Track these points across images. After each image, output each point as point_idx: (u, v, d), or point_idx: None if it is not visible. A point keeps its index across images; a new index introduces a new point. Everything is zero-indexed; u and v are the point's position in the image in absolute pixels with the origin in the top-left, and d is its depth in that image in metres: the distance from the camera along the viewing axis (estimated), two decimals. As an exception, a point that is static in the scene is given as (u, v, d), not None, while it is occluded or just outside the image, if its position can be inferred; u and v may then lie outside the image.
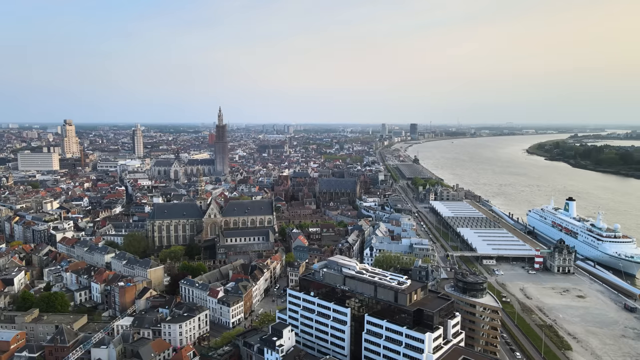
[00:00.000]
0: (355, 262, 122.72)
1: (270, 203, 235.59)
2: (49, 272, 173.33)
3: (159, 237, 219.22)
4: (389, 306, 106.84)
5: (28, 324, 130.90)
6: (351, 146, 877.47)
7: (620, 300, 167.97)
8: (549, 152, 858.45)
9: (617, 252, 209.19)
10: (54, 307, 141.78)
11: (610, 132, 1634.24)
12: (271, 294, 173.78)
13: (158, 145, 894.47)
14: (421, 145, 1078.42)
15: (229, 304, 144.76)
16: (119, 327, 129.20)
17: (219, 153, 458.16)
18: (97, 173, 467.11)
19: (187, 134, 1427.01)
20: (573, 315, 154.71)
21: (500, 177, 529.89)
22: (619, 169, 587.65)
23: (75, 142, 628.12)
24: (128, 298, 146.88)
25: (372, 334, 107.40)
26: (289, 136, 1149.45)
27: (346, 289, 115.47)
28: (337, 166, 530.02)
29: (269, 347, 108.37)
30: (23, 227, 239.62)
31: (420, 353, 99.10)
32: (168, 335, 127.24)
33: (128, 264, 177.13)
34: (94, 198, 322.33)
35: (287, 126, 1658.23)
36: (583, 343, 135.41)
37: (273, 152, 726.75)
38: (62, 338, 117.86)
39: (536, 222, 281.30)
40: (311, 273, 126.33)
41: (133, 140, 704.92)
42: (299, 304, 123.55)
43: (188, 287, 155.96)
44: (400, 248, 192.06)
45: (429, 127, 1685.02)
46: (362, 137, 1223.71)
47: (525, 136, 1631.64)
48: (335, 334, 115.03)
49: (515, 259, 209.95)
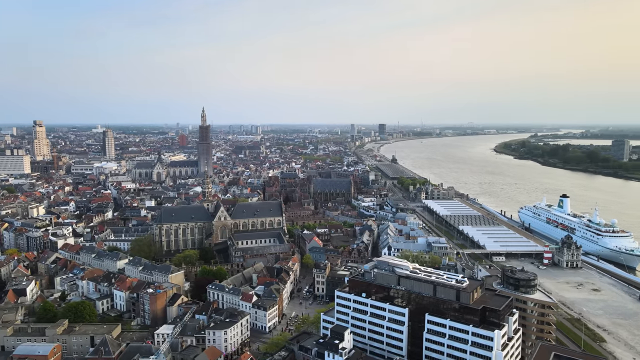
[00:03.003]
0: (406, 262, 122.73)
1: (279, 204, 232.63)
2: (62, 281, 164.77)
3: (166, 241, 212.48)
4: (451, 305, 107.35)
5: (60, 336, 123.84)
6: (326, 146, 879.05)
7: (632, 292, 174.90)
8: (516, 151, 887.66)
9: (618, 246, 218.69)
10: (82, 317, 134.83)
11: (566, 131, 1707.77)
12: (297, 296, 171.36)
13: (127, 147, 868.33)
14: (392, 145, 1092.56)
15: (265, 307, 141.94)
16: (160, 336, 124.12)
17: (203, 154, 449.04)
18: (73, 176, 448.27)
19: (152, 135, 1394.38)
20: (595, 308, 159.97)
21: (479, 176, 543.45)
22: (586, 167, 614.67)
23: (46, 144, 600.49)
24: (159, 305, 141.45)
25: (434, 333, 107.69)
26: (260, 137, 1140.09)
27: (402, 289, 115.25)
28: (320, 166, 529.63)
29: (331, 350, 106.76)
30: (15, 234, 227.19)
31: (489, 351, 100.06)
32: (212, 342, 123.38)
33: (145, 270, 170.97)
34: (81, 202, 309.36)
35: (254, 127, 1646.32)
36: (614, 335, 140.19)
37: (249, 153, 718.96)
38: (106, 349, 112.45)
39: (529, 219, 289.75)
40: (361, 274, 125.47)
41: (103, 142, 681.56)
42: (348, 306, 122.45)
43: (217, 292, 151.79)
44: (417, 247, 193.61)
45: (397, 127, 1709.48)
46: (332, 138, 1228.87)
47: (487, 136, 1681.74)
48: (392, 335, 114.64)
49: (523, 255, 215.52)
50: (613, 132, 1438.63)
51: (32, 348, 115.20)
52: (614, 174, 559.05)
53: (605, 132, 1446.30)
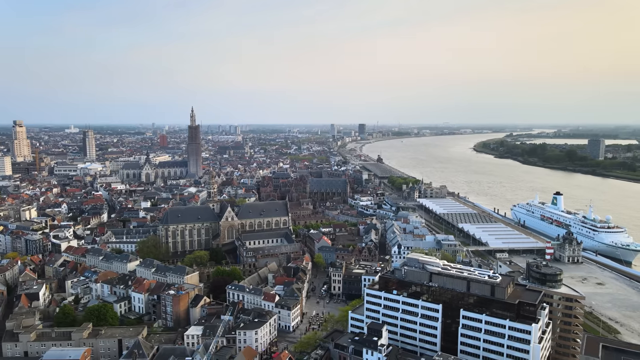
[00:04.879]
0: (436, 259, 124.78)
1: (284, 204, 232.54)
2: (74, 284, 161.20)
3: (173, 242, 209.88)
4: (486, 300, 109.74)
5: (86, 340, 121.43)
6: (309, 146, 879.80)
7: (634, 285, 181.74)
8: (496, 150, 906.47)
9: (614, 242, 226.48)
10: (105, 321, 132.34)
11: (540, 131, 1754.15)
12: (312, 295, 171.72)
13: (105, 147, 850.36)
14: (373, 145, 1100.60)
15: (290, 307, 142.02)
16: (190, 337, 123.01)
17: (192, 155, 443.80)
18: (57, 178, 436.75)
19: (128, 136, 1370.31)
20: (603, 301, 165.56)
21: (465, 175, 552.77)
22: (565, 165, 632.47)
23: (26, 145, 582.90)
24: (182, 307, 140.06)
25: (470, 329, 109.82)
26: (241, 137, 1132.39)
27: (435, 285, 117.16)
28: (308, 166, 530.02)
29: (370, 347, 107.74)
30: (12, 237, 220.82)
31: (527, 344, 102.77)
32: (243, 342, 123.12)
33: (158, 271, 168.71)
34: (72, 204, 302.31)
35: (232, 127, 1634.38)
36: (626, 326, 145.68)
37: (234, 153, 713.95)
38: (140, 352, 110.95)
39: (523, 216, 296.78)
40: (391, 271, 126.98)
41: (84, 142, 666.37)
42: (379, 303, 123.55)
43: (237, 293, 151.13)
44: (427, 244, 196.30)
45: (376, 127, 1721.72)
46: (314, 138, 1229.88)
47: (464, 135, 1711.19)
48: (426, 331, 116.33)
49: (525, 251, 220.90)
50: (583, 131, 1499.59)
51: (62, 353, 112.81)
52: (593, 172, 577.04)
53: (577, 132, 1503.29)
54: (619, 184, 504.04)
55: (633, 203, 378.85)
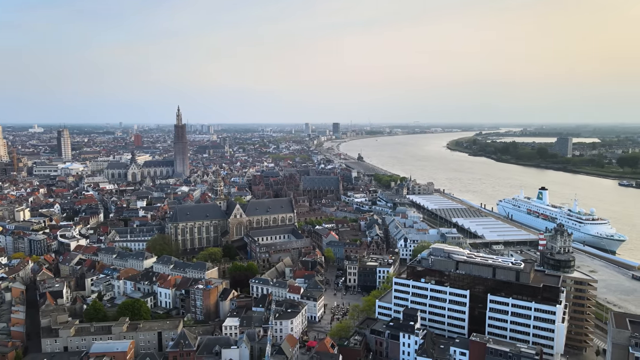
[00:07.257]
0: (460, 249, 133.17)
1: (289, 201, 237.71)
2: (96, 281, 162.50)
3: (182, 239, 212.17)
4: (512, 285, 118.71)
5: (126, 333, 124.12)
6: (287, 145, 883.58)
7: (623, 272, 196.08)
8: (469, 148, 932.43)
9: (599, 233, 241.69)
10: (140, 315, 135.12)
11: (507, 130, 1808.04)
12: (329, 287, 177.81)
13: (78, 147, 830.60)
14: (349, 144, 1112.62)
15: (315, 298, 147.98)
16: (229, 328, 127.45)
17: (179, 154, 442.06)
18: (39, 178, 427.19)
19: (97, 135, 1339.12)
20: (599, 287, 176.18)
21: (445, 173, 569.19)
22: (537, 163, 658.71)
23: (2, 145, 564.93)
24: (212, 300, 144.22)
25: (497, 312, 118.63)
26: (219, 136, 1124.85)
27: (461, 272, 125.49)
28: (292, 165, 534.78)
29: (407, 331, 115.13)
30: (13, 237, 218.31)
31: (552, 324, 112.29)
32: (279, 332, 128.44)
33: (176, 268, 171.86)
34: (65, 204, 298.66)
35: (204, 126, 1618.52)
36: (624, 309, 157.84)
37: (213, 152, 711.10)
38: (186, 342, 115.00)
39: (510, 211, 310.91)
40: (418, 261, 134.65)
41: (59, 142, 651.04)
42: (407, 291, 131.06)
43: (261, 286, 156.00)
44: (431, 238, 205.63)
45: (350, 126, 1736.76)
46: (289, 137, 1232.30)
47: (435, 134, 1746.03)
48: (454, 315, 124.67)
49: (519, 243, 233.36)
50: (547, 130, 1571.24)
51: (109, 346, 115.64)
52: (563, 169, 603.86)
53: (542, 131, 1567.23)
54: (589, 179, 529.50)
55: (606, 197, 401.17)
